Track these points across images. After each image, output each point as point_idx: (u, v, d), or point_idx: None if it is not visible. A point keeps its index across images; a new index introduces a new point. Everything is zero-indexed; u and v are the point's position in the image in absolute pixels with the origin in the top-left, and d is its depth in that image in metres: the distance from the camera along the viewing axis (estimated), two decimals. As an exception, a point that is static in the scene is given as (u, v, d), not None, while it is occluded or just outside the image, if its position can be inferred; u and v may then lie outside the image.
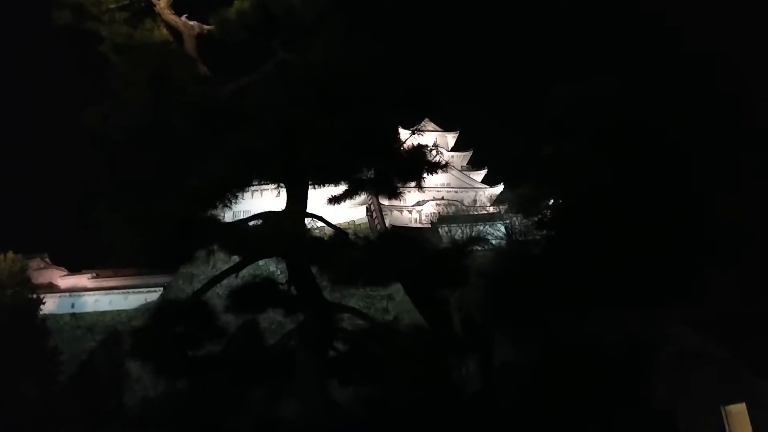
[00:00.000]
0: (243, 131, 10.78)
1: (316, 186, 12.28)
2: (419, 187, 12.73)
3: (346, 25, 11.29)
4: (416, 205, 71.76)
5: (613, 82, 17.96)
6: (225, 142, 11.19)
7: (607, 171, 15.94)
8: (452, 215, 61.89)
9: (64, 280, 64.97)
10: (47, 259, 65.12)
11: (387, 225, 62.75)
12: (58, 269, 65.83)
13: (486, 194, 73.72)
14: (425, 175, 12.60)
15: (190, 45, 12.99)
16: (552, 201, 18.45)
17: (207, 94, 10.84)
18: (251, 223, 12.01)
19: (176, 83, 10.77)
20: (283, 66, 12.45)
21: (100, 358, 51.41)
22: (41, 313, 43.21)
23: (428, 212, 70.03)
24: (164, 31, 13.54)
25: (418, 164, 12.27)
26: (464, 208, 67.09)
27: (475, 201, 70.07)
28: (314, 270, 12.16)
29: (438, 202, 70.10)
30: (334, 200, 13.88)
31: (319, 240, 11.22)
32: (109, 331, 54.83)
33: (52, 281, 63.55)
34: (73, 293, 53.35)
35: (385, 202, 63.38)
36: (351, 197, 14.51)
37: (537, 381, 12.21)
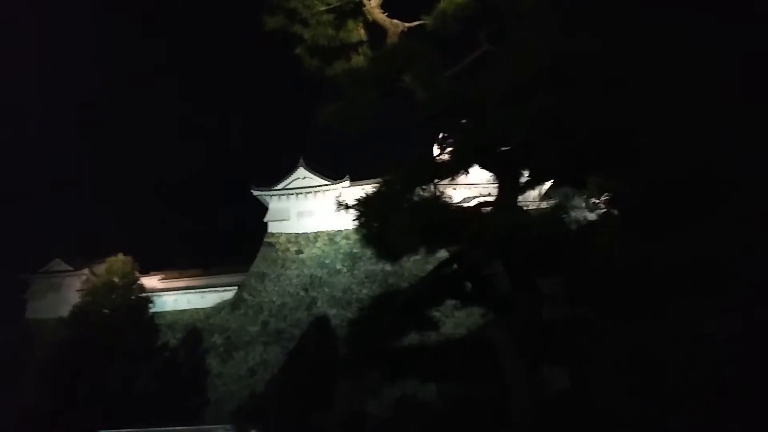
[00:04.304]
0: (475, 120, 11.46)
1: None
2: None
3: (559, 15, 11.65)
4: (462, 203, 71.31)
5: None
6: (454, 131, 11.84)
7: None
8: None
9: (137, 282, 67.06)
10: (121, 262, 67.16)
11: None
12: (130, 271, 67.97)
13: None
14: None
15: (393, 42, 13.78)
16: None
17: (456, 87, 11.48)
18: None
19: (421, 78, 11.46)
20: (489, 57, 13.09)
21: (182, 354, 53.22)
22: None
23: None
24: (362, 31, 14.43)
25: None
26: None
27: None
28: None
29: (480, 199, 68.75)
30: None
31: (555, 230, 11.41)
32: (189, 329, 56.66)
33: (125, 283, 65.65)
34: (153, 293, 55.31)
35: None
36: (533, 188, 14.96)
37: (645, 381, 10.61)
